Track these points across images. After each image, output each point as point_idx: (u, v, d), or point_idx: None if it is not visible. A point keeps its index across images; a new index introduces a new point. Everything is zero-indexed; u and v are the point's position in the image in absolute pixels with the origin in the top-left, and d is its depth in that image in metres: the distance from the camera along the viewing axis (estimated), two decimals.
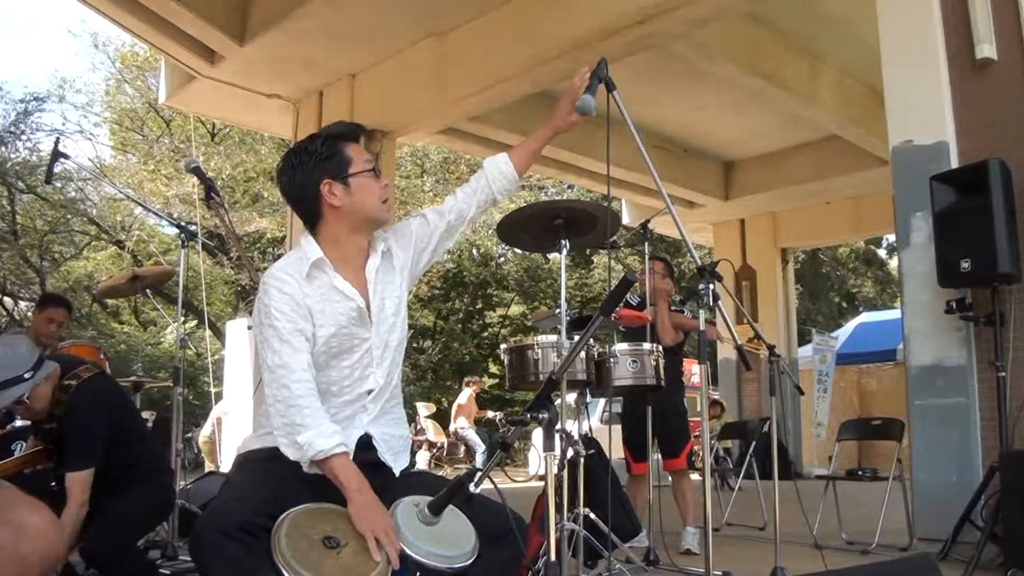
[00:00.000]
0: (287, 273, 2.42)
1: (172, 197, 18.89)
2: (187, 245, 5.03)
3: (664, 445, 5.62)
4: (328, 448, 2.25)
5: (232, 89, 9.77)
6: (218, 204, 4.15)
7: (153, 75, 18.92)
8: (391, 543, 2.14)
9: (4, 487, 2.06)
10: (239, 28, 8.77)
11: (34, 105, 21.43)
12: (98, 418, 3.68)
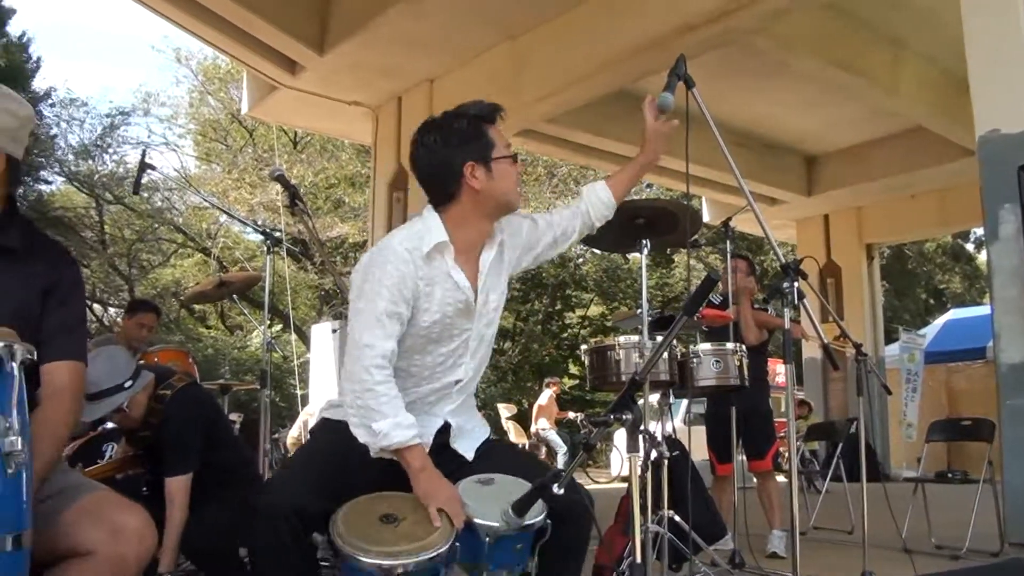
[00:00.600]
0: (407, 250, 2.40)
1: (256, 204, 19.30)
2: (272, 251, 5.13)
3: (749, 446, 5.55)
4: (405, 439, 2.28)
5: (313, 98, 9.95)
6: (302, 211, 4.24)
7: (235, 87, 19.34)
8: (456, 512, 2.20)
9: (101, 489, 2.12)
10: (319, 38, 8.93)
11: (120, 119, 22.17)
12: (192, 424, 3.79)
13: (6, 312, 1.99)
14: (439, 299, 2.42)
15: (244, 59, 9.58)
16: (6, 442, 1.66)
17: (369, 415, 2.30)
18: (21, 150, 2.16)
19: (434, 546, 2.15)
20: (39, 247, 2.20)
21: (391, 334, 2.35)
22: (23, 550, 1.73)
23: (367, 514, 2.24)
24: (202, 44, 11.85)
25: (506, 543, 2.25)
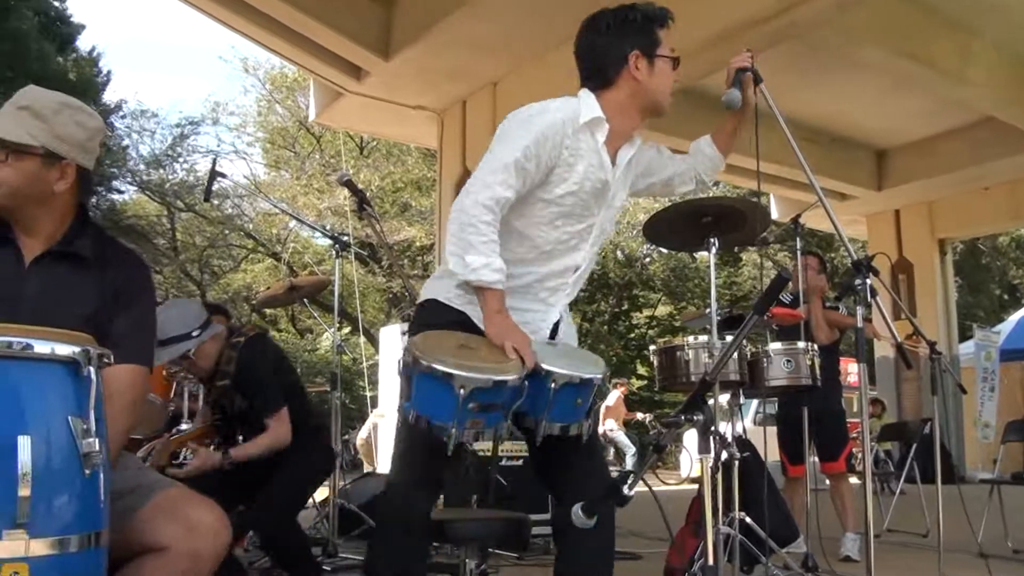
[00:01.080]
0: (563, 116, 2.44)
1: (324, 209, 19.57)
2: (341, 255, 5.19)
3: (821, 447, 5.46)
4: (491, 281, 2.34)
5: (379, 103, 10.04)
6: (369, 215, 4.29)
7: (302, 94, 19.62)
8: (527, 352, 2.27)
9: (176, 486, 2.17)
10: (383, 44, 9.01)
11: (190, 129, 22.70)
12: (266, 364, 4.00)
13: (79, 318, 2.04)
14: (581, 172, 2.45)
15: (310, 67, 9.71)
16: (84, 443, 1.71)
17: (466, 248, 2.34)
18: (91, 161, 2.21)
19: (509, 371, 2.21)
20: (111, 254, 2.26)
21: (511, 185, 2.37)
22: (101, 547, 1.77)
23: (444, 341, 2.34)
24: (269, 54, 12.05)
25: (568, 394, 2.31)
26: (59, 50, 19.94)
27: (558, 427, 2.33)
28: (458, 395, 2.15)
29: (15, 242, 2.15)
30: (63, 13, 20.96)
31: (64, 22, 20.89)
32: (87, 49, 21.67)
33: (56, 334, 1.77)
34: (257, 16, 8.55)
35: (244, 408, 3.95)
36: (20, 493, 1.59)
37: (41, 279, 2.13)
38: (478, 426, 2.22)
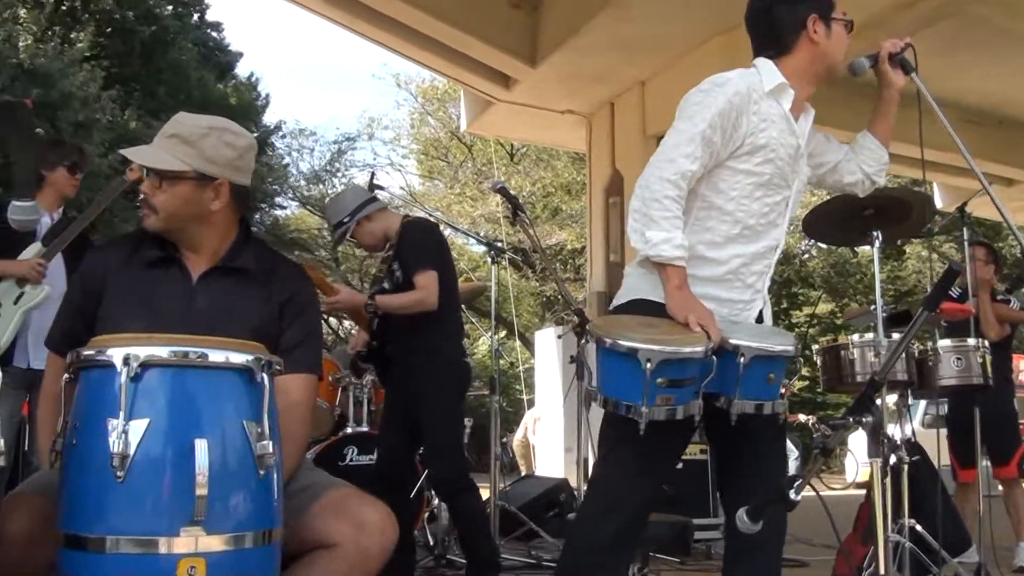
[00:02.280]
0: (745, 82, 2.42)
1: (478, 217, 19.88)
2: (496, 261, 5.25)
3: (993, 451, 5.15)
4: (671, 257, 2.29)
5: (528, 110, 10.13)
6: (523, 220, 4.34)
7: (453, 105, 20.01)
8: (712, 326, 2.22)
9: (345, 486, 2.25)
10: (530, 51, 9.08)
11: (347, 145, 23.54)
12: (431, 239, 4.15)
13: (247, 329, 2.15)
14: (775, 138, 2.42)
15: (460, 78, 9.89)
16: (258, 446, 1.81)
17: (647, 223, 2.31)
18: (245, 178, 2.32)
19: (696, 343, 2.16)
20: (275, 268, 2.37)
21: (697, 156, 2.33)
22: (274, 544, 1.87)
23: (625, 320, 2.34)
24: (420, 68, 12.35)
25: (758, 370, 2.23)
26: (219, 78, 21.02)
27: (752, 405, 2.25)
28: (645, 370, 2.11)
29: (181, 260, 2.28)
30: (221, 43, 22.11)
31: (223, 51, 22.02)
32: (246, 75, 22.79)
33: (230, 343, 1.88)
34: (408, 32, 8.77)
35: (400, 281, 4.04)
36: (197, 492, 1.70)
37: (209, 294, 2.25)
38: (669, 402, 2.16)
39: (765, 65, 2.49)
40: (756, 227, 2.47)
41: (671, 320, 2.30)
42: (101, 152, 15.05)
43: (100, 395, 1.77)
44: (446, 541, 5.13)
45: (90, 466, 1.73)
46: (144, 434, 1.71)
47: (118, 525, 1.70)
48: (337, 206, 4.32)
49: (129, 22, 18.59)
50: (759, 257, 2.50)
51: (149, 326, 2.04)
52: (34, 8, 17.01)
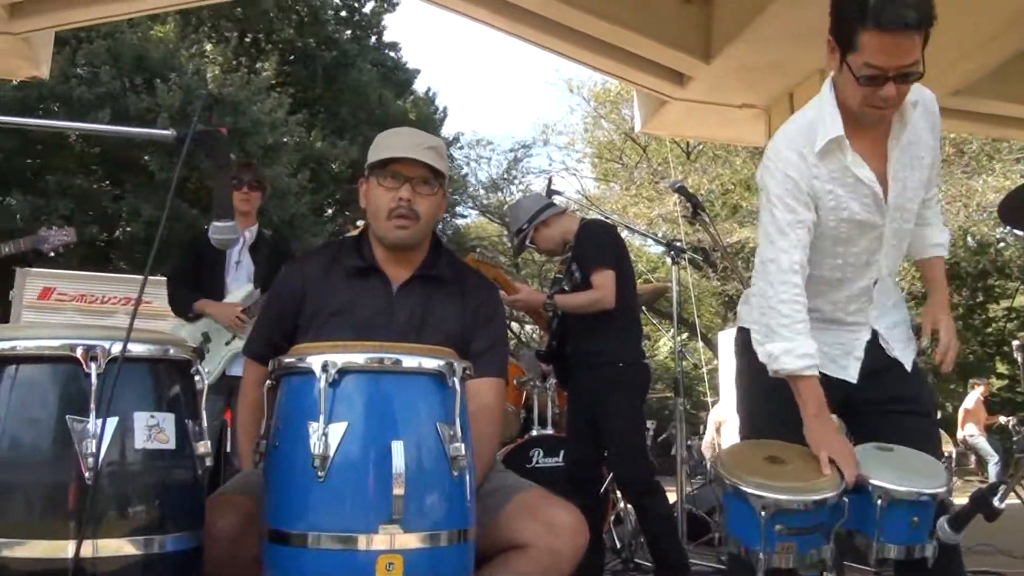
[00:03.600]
0: (794, 151, 2.24)
1: (655, 217, 19.70)
2: (676, 261, 5.20)
3: None
4: (796, 368, 2.16)
5: (703, 106, 9.95)
6: (703, 219, 4.29)
7: (626, 106, 19.93)
8: (849, 463, 2.07)
9: (535, 488, 2.28)
10: (703, 46, 8.92)
11: (522, 152, 23.89)
12: (609, 240, 4.17)
13: (441, 335, 2.24)
14: (842, 197, 2.25)
15: (633, 79, 9.82)
16: (451, 447, 1.86)
17: (767, 334, 2.22)
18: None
19: (820, 491, 2.04)
20: (465, 277, 2.46)
21: (795, 244, 2.21)
22: (468, 543, 1.92)
23: (753, 452, 2.22)
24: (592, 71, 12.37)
25: (900, 512, 2.05)
26: (398, 95, 21.76)
27: (895, 550, 2.07)
28: (759, 517, 2.02)
29: (381, 270, 2.38)
30: (399, 62, 22.88)
31: (401, 69, 22.78)
32: (423, 91, 23.47)
33: (423, 349, 1.95)
34: (578, 37, 8.79)
35: (579, 281, 4.07)
36: (394, 492, 1.77)
37: (408, 302, 2.35)
38: (790, 551, 2.04)
39: (826, 103, 2.24)
40: (844, 278, 2.34)
41: (805, 450, 2.16)
42: (290, 172, 15.89)
43: (301, 400, 1.87)
44: (633, 544, 5.11)
45: (293, 466, 1.84)
46: (343, 436, 1.81)
47: (319, 522, 1.80)
48: (516, 214, 4.41)
49: (311, 49, 19.57)
50: (853, 299, 2.37)
51: (352, 334, 2.15)
52: (220, 42, 18.16)
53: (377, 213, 2.34)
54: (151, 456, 1.81)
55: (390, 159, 2.32)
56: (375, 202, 2.34)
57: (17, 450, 1.76)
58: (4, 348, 1.81)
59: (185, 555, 1.85)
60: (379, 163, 2.33)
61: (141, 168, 15.26)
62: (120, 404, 1.76)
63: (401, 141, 2.36)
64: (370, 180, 2.38)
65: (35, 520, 1.72)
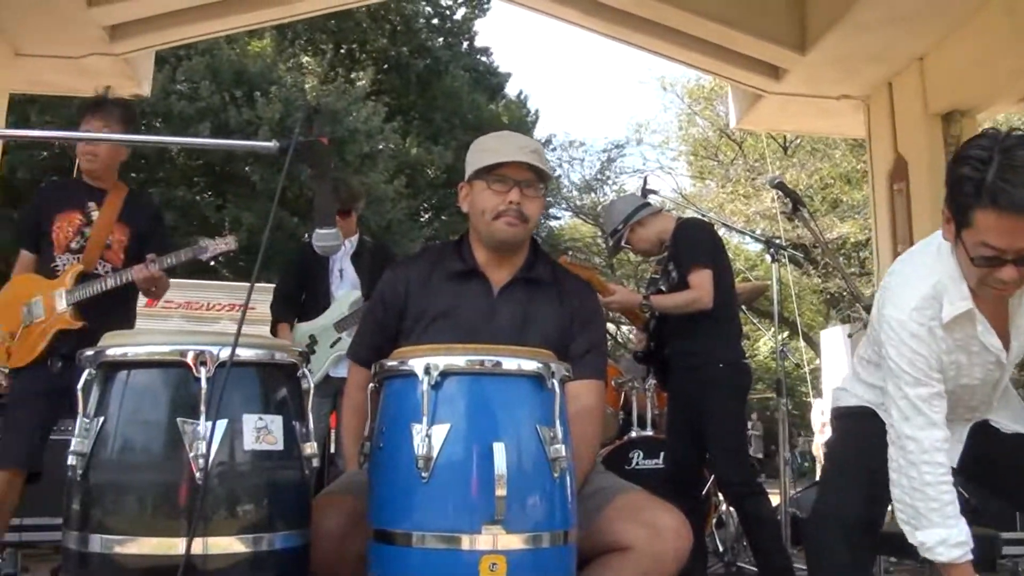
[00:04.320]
0: (923, 325, 2.12)
1: (753, 214, 19.39)
2: (776, 259, 5.09)
3: None
4: (952, 558, 2.06)
5: (800, 99, 9.75)
6: (804, 215, 4.19)
7: (721, 102, 19.67)
8: None
9: (637, 490, 2.26)
10: (798, 38, 8.74)
11: (616, 152, 23.76)
12: (707, 238, 4.08)
13: (539, 337, 2.25)
14: (966, 364, 2.18)
15: (727, 74, 9.69)
16: (551, 449, 1.86)
17: (916, 519, 2.10)
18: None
19: None
20: (562, 278, 2.46)
21: (933, 420, 2.11)
22: (570, 545, 1.92)
23: None
24: (685, 68, 12.24)
25: None
26: (490, 99, 21.94)
27: None
28: None
29: (482, 273, 2.39)
30: (491, 66, 23.06)
31: (492, 74, 22.95)
32: (515, 94, 23.61)
33: (522, 351, 1.96)
34: (671, 34, 8.72)
35: (676, 281, 4.01)
36: (497, 493, 1.78)
37: (509, 305, 2.37)
38: None
39: (947, 266, 2.11)
40: (960, 403, 2.27)
41: None
42: (387, 179, 16.14)
43: (404, 402, 1.90)
44: (735, 548, 5.02)
45: (397, 467, 1.87)
46: (446, 438, 1.83)
47: (423, 521, 1.82)
48: (610, 214, 4.37)
49: (404, 57, 19.86)
50: (971, 410, 2.32)
51: (454, 337, 2.17)
52: (316, 54, 18.57)
53: (484, 215, 2.35)
54: (259, 457, 1.86)
55: (498, 163, 2.33)
56: (482, 205, 2.35)
57: (130, 452, 1.85)
58: (117, 355, 1.90)
59: (292, 553, 1.89)
60: (486, 167, 2.34)
61: (243, 179, 15.71)
62: (229, 407, 1.82)
63: (507, 145, 2.37)
64: (475, 184, 2.38)
65: (147, 518, 1.80)
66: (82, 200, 3.44)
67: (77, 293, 3.30)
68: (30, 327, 3.32)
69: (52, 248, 3.41)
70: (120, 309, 3.45)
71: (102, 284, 3.31)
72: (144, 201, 3.76)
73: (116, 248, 3.44)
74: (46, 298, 3.32)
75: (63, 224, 3.41)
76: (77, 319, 3.28)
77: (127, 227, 3.48)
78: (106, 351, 1.90)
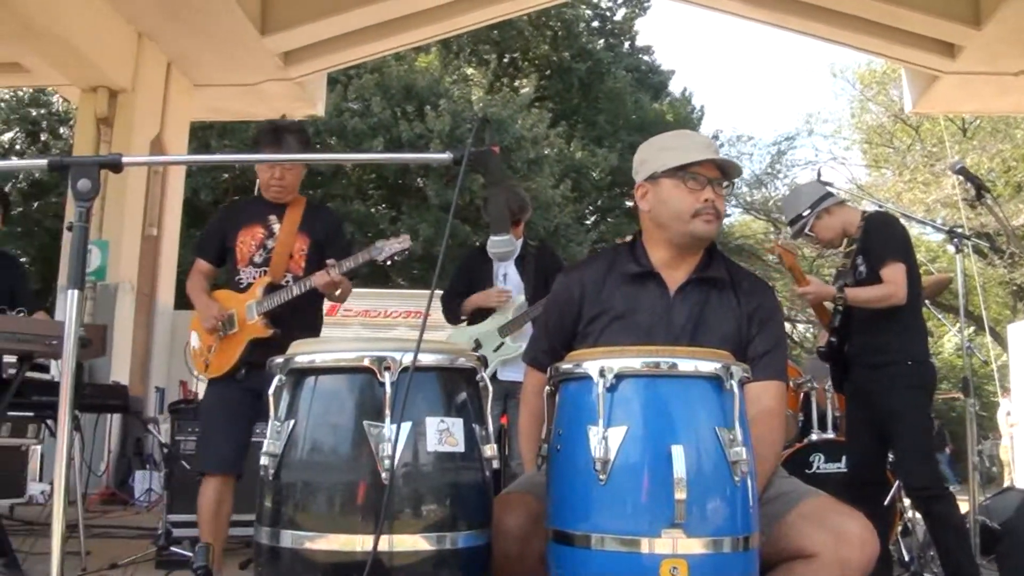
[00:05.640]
0: None
1: (932, 203, 18.50)
2: (959, 249, 4.84)
3: None
4: None
5: (977, 77, 9.25)
6: (988, 202, 3.99)
7: (894, 87, 18.88)
8: None
9: (821, 495, 2.19)
10: (972, 12, 8.30)
11: (786, 145, 23.18)
12: (898, 233, 3.95)
13: (716, 337, 2.22)
14: None
15: (899, 55, 9.32)
16: (731, 452, 1.84)
17: None
18: None
19: None
20: (741, 279, 2.42)
21: None
22: (751, 550, 1.88)
23: None
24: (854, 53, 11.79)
25: None
26: (654, 98, 21.78)
27: None
28: None
29: (658, 275, 2.38)
30: (653, 65, 22.92)
31: (655, 72, 22.81)
32: (679, 91, 23.34)
33: (699, 352, 1.96)
34: (839, 19, 8.46)
35: (863, 276, 3.91)
36: (676, 496, 1.76)
37: (686, 306, 2.34)
38: None
39: None
40: None
41: None
42: (552, 184, 16.29)
43: (580, 405, 1.91)
44: (923, 557, 4.79)
45: (574, 469, 1.88)
46: (623, 440, 1.83)
47: (602, 524, 1.82)
48: (795, 200, 4.26)
49: (566, 62, 20.02)
50: None
51: (630, 339, 2.18)
52: (480, 65, 18.93)
53: (679, 214, 2.33)
54: (442, 458, 1.92)
55: (690, 162, 2.32)
56: (676, 205, 2.33)
57: (319, 453, 1.94)
58: (305, 361, 2.00)
59: (475, 552, 1.94)
60: (678, 166, 2.33)
61: (415, 191, 16.20)
62: (412, 410, 1.88)
63: (692, 143, 2.37)
64: (661, 182, 2.36)
65: (335, 516, 1.89)
66: (264, 214, 3.62)
67: (266, 303, 3.46)
68: (225, 339, 3.52)
69: (236, 262, 3.60)
70: (307, 315, 3.60)
71: (288, 293, 3.46)
72: (323, 211, 3.90)
73: (297, 257, 3.60)
74: (238, 310, 3.51)
75: (246, 238, 3.60)
76: (269, 328, 3.45)
77: (307, 237, 3.63)
78: (295, 358, 2.01)
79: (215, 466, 3.40)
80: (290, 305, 3.46)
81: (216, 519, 3.38)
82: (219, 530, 3.41)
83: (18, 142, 16.23)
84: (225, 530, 3.47)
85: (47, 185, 15.47)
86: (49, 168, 1.90)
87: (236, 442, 3.41)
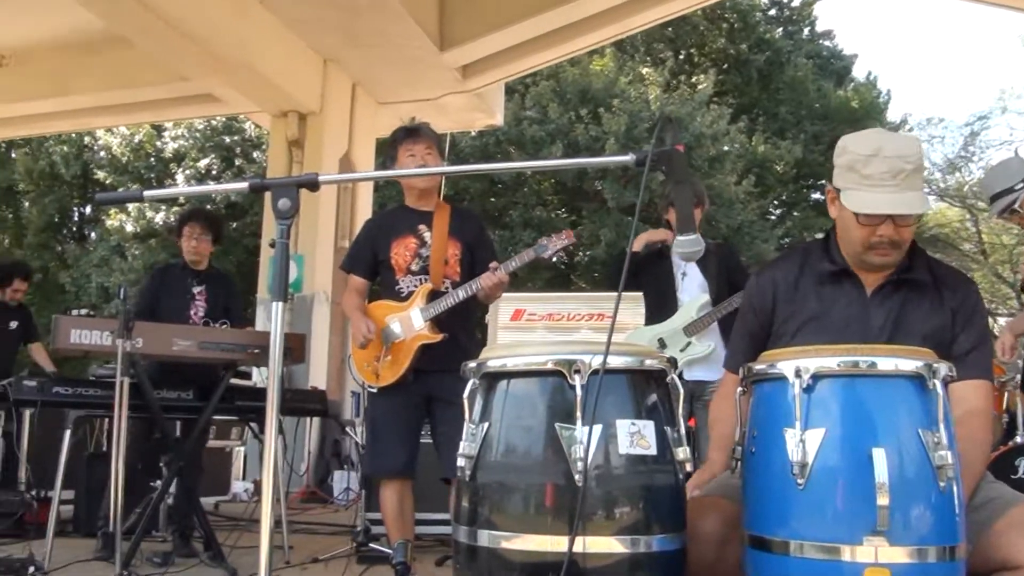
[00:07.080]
0: None
1: None
2: None
3: None
4: None
5: None
6: None
7: None
8: None
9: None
10: None
11: (979, 125, 21.69)
12: None
13: (916, 339, 2.13)
14: None
15: None
16: (936, 456, 1.75)
17: None
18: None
19: None
20: (943, 276, 2.30)
21: None
22: (958, 561, 1.79)
23: None
24: None
25: None
26: (837, 84, 20.96)
27: None
28: None
29: (855, 274, 2.29)
30: (835, 50, 22.07)
31: (837, 58, 21.95)
32: (863, 76, 22.36)
33: (899, 350, 1.88)
34: None
35: None
36: (878, 502, 1.70)
37: (884, 306, 2.25)
38: None
39: None
40: None
41: None
42: (735, 180, 15.96)
43: (774, 406, 1.87)
44: None
45: (771, 473, 1.85)
46: (821, 443, 1.78)
47: (801, 530, 1.78)
48: (1002, 174, 4.00)
49: (743, 54, 19.57)
50: None
51: (826, 340, 2.11)
52: (656, 64, 18.76)
53: (853, 243, 2.22)
54: (634, 461, 1.92)
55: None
56: (851, 232, 2.22)
57: (513, 454, 1.99)
58: (497, 366, 2.04)
59: (670, 556, 1.93)
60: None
61: (595, 195, 16.24)
62: (603, 412, 1.89)
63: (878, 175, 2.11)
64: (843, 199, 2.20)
65: (530, 517, 1.93)
66: (413, 224, 3.71)
67: (431, 309, 3.56)
68: (393, 347, 3.63)
69: (393, 273, 3.70)
70: (466, 317, 3.73)
71: (453, 298, 3.56)
72: (467, 214, 3.98)
73: (452, 262, 3.68)
74: (403, 319, 3.61)
75: (400, 249, 3.69)
76: (437, 332, 3.55)
77: (458, 241, 3.71)
78: (487, 362, 2.06)
79: (394, 471, 3.55)
80: (450, 308, 3.54)
81: (401, 518, 3.54)
82: (406, 528, 3.55)
83: (214, 168, 17.31)
84: (411, 528, 3.60)
85: (242, 207, 16.47)
86: (251, 190, 2.02)
87: (410, 446, 3.56)
